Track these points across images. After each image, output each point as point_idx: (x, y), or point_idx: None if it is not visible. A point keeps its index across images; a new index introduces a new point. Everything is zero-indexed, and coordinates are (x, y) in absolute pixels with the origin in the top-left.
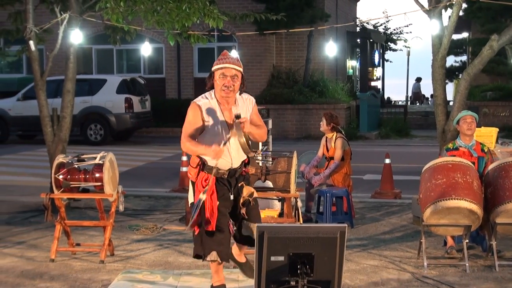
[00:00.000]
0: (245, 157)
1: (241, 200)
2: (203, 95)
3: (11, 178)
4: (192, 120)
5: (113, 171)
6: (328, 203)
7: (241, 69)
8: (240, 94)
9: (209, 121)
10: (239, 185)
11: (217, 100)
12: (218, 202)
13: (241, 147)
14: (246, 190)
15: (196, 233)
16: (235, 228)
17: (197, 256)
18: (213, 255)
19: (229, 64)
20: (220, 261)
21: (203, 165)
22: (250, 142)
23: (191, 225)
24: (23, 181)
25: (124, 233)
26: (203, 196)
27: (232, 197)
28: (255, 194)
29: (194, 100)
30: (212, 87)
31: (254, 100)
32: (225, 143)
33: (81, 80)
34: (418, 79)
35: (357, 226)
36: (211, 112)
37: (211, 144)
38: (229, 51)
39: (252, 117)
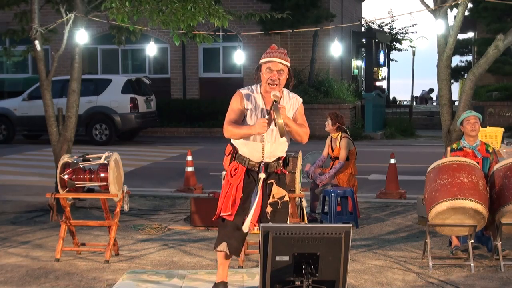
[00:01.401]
0: (281, 153)
1: (269, 200)
2: (249, 86)
3: (17, 178)
4: (233, 108)
5: (118, 171)
6: (333, 203)
7: (288, 64)
8: (288, 88)
9: (250, 109)
10: (269, 182)
11: (262, 94)
12: (242, 194)
13: (279, 128)
14: (276, 191)
15: (213, 219)
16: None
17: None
18: (223, 245)
19: (276, 58)
20: (228, 253)
21: (235, 154)
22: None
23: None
24: (29, 180)
25: (129, 233)
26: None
27: None
28: (287, 198)
29: (238, 89)
30: (259, 80)
31: (301, 101)
32: (268, 114)
33: (87, 80)
34: (430, 90)
35: (362, 226)
36: (253, 101)
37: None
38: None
39: (296, 116)
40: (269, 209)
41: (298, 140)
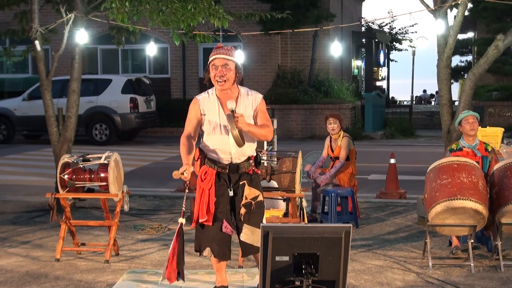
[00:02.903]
0: (250, 153)
1: (243, 201)
2: (206, 90)
3: (17, 178)
4: (191, 117)
5: (118, 171)
6: (333, 203)
7: (233, 58)
8: (237, 84)
9: (208, 114)
10: (241, 183)
11: (217, 96)
12: (215, 199)
13: (234, 139)
14: (249, 191)
15: (191, 226)
16: (234, 228)
17: (195, 250)
18: (207, 250)
19: (219, 55)
20: (215, 258)
21: (204, 158)
22: (243, 135)
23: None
24: (29, 181)
25: (129, 233)
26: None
27: (231, 193)
28: (260, 198)
29: (195, 96)
30: (210, 82)
31: (260, 97)
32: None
33: (87, 80)
34: (432, 96)
35: (362, 226)
36: (209, 106)
37: (213, 135)
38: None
39: (257, 114)
40: (242, 210)
41: (263, 140)
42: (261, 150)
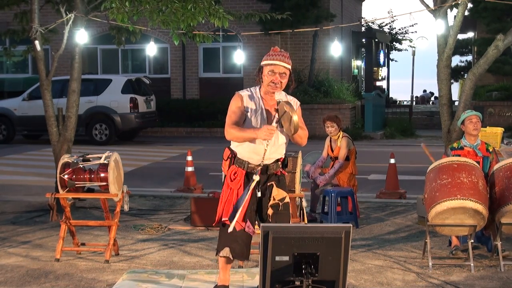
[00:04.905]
0: (280, 155)
1: (270, 202)
2: (248, 88)
3: (17, 177)
4: (234, 109)
5: (118, 171)
6: (333, 203)
7: (290, 67)
8: (288, 92)
9: (250, 111)
10: (269, 184)
11: (261, 96)
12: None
13: (294, 124)
14: (277, 192)
15: (213, 224)
16: (257, 229)
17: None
18: (226, 251)
19: (279, 62)
20: (231, 258)
21: (234, 158)
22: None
23: (216, 220)
24: (29, 180)
25: (129, 233)
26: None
27: (259, 194)
28: (287, 199)
29: (237, 91)
30: (259, 82)
31: (298, 103)
32: (277, 122)
33: (87, 80)
34: (432, 94)
35: (362, 226)
36: (252, 103)
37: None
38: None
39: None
40: (270, 211)
41: (299, 142)
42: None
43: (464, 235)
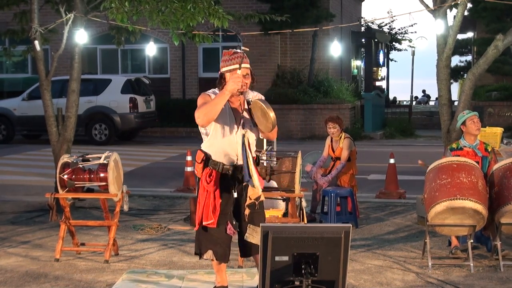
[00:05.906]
0: (253, 154)
1: (247, 202)
2: (212, 90)
3: (16, 177)
4: (202, 105)
5: (118, 171)
6: (332, 203)
7: (249, 66)
8: (251, 89)
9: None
10: (244, 184)
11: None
12: (220, 200)
13: (272, 120)
14: (252, 192)
15: (195, 229)
16: (237, 229)
17: (195, 253)
18: (209, 253)
19: (245, 64)
20: (215, 260)
21: (207, 160)
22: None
23: (194, 222)
24: (28, 180)
25: (129, 233)
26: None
27: (235, 194)
28: (262, 198)
29: (203, 92)
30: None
31: (263, 98)
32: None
33: (86, 80)
34: (429, 97)
35: (362, 226)
36: None
37: (221, 136)
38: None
39: None
40: (247, 211)
41: (271, 137)
42: (261, 150)
43: (464, 235)
